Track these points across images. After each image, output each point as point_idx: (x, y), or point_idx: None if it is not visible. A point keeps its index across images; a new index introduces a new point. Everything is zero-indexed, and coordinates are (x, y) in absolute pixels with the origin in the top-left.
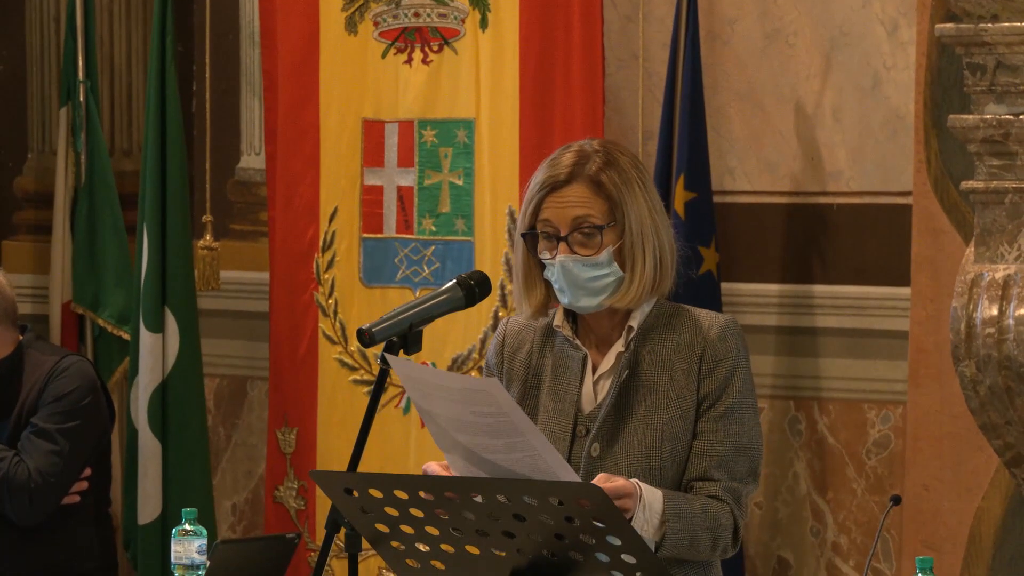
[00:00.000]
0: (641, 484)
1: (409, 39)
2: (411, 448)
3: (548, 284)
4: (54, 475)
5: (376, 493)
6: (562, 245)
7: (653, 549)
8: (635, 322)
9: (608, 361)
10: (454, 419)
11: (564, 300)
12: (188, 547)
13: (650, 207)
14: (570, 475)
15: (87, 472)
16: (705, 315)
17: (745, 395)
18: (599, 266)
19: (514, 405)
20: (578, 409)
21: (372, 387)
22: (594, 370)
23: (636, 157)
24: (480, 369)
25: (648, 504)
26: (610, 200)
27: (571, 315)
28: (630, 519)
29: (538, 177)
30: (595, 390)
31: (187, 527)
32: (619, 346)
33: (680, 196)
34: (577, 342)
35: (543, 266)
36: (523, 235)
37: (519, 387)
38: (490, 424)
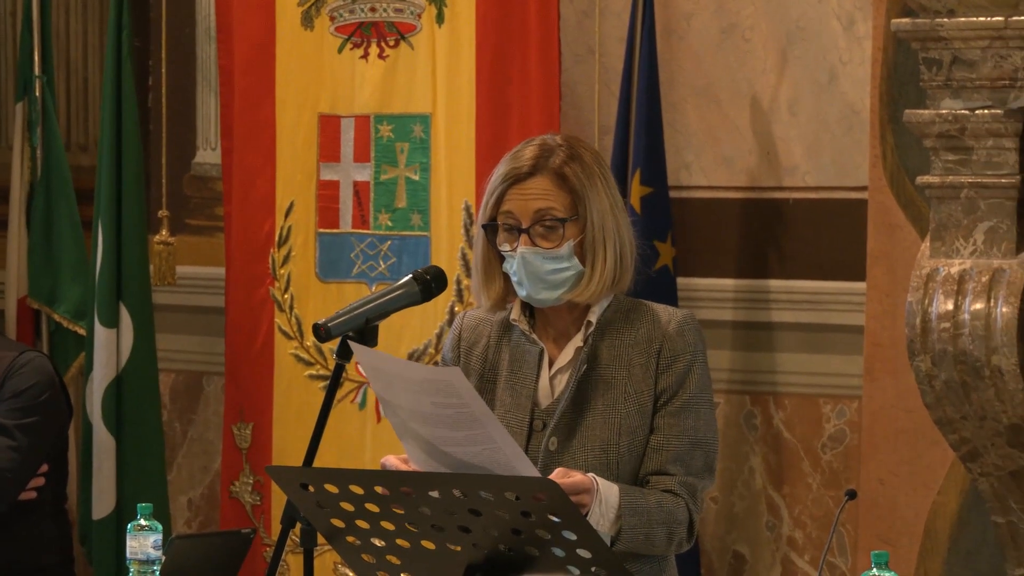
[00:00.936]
0: (598, 479)
1: (365, 34)
2: (367, 443)
3: (507, 277)
4: (12, 470)
5: (332, 488)
6: (523, 237)
7: (608, 544)
8: (594, 316)
9: (566, 355)
10: (415, 410)
11: (522, 293)
12: (143, 542)
13: (612, 203)
14: (529, 468)
15: (44, 468)
16: (663, 310)
17: (702, 390)
18: (559, 259)
19: (475, 395)
20: (535, 403)
21: (328, 382)
22: (551, 364)
23: (598, 153)
24: (436, 364)
25: (604, 499)
26: (573, 193)
27: (528, 309)
28: (586, 514)
29: (500, 169)
30: (552, 384)
31: (142, 522)
32: (577, 340)
33: (636, 191)
34: (534, 336)
35: (502, 259)
36: (484, 226)
37: (476, 382)
38: (450, 415)
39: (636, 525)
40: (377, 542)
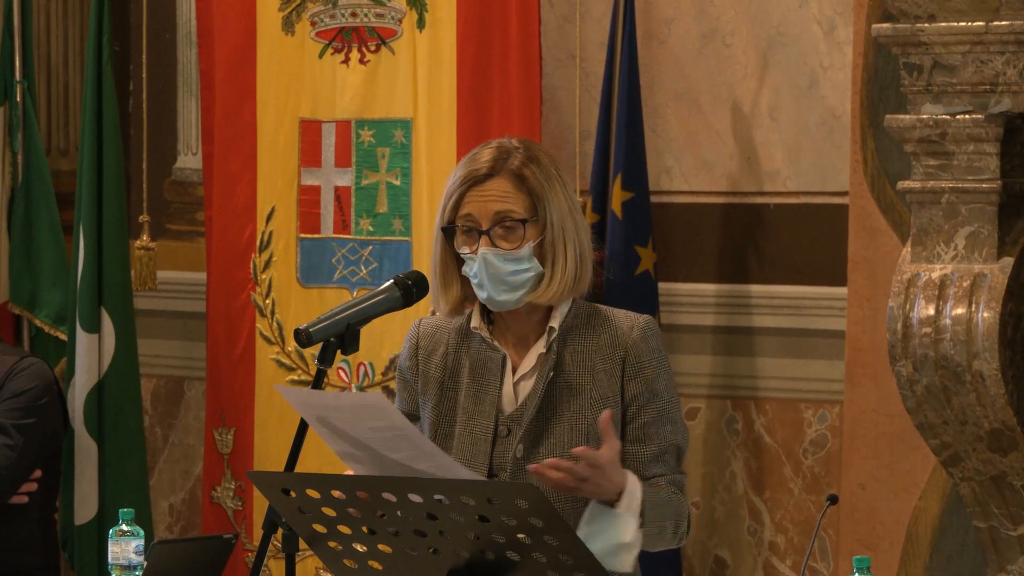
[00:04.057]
0: (629, 472)
1: (346, 39)
2: None
3: (465, 282)
4: (6, 467)
5: (313, 493)
6: (483, 239)
7: (637, 537)
8: (555, 323)
9: (528, 362)
10: (357, 438)
11: (483, 295)
12: (125, 547)
13: (570, 205)
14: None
15: (38, 474)
16: (624, 315)
17: (671, 394)
18: (520, 260)
19: (403, 417)
20: (499, 410)
21: (309, 387)
22: (514, 371)
23: (554, 156)
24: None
25: (631, 491)
26: (532, 195)
27: (487, 316)
28: (615, 503)
29: (458, 172)
30: (516, 390)
31: (124, 527)
32: (539, 347)
33: (617, 196)
34: (496, 343)
35: (460, 263)
36: (443, 229)
37: (435, 390)
38: (388, 438)
39: (654, 519)
40: (359, 547)
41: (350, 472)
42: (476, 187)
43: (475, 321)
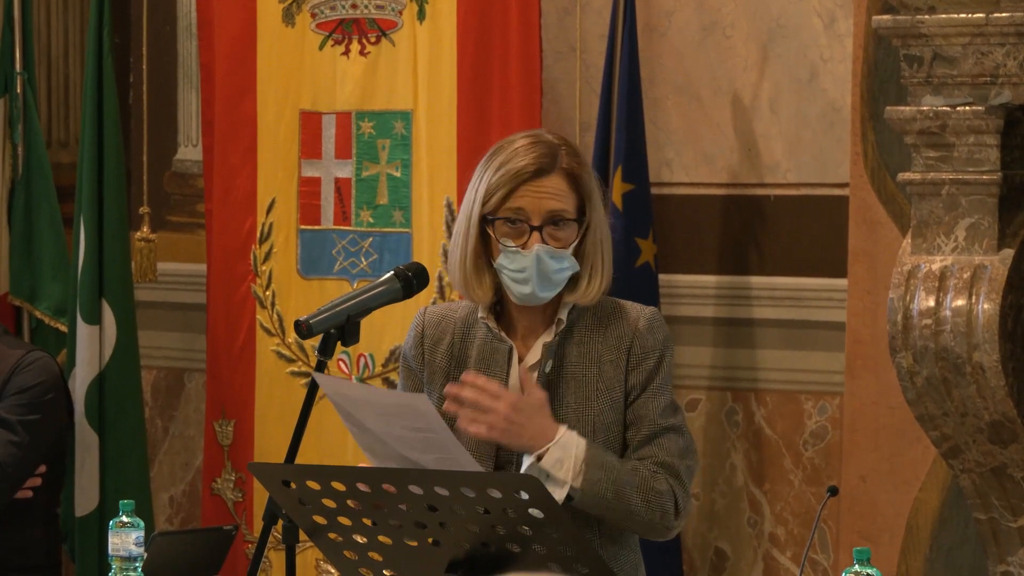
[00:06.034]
0: (568, 430)
1: (346, 30)
2: (348, 441)
3: (493, 272)
4: (11, 465)
5: (313, 485)
6: (535, 235)
7: (568, 493)
8: (563, 314)
9: (535, 353)
10: (386, 433)
11: (525, 290)
12: (125, 539)
13: (605, 206)
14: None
15: (42, 469)
16: (631, 307)
17: (664, 380)
18: (563, 259)
19: (441, 421)
20: None
21: (309, 379)
22: (520, 362)
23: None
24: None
25: (564, 443)
26: (582, 196)
27: (495, 306)
28: (542, 456)
29: (506, 164)
30: (522, 382)
31: (124, 519)
32: (546, 338)
33: (618, 188)
34: (503, 334)
35: (489, 253)
36: (490, 219)
37: (441, 379)
38: (420, 439)
39: (601, 480)
40: (359, 539)
41: (359, 463)
42: (531, 182)
43: (482, 311)
